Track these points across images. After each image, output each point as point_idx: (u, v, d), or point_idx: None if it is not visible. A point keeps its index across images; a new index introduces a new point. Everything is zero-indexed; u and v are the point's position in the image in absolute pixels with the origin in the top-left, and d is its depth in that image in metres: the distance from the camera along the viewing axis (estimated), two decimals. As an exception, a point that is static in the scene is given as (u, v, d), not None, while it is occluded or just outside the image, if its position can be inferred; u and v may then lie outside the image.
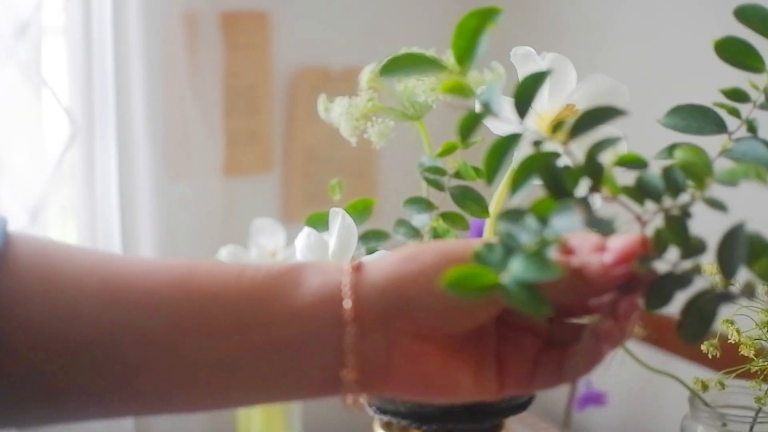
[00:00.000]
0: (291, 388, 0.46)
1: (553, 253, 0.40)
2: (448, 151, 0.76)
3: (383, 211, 0.89)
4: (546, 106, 0.65)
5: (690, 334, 0.43)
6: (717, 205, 0.44)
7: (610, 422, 1.35)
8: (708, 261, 0.45)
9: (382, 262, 0.46)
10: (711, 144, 0.51)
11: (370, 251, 0.74)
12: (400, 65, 0.50)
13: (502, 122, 0.62)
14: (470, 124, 0.46)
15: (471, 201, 0.75)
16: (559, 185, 0.43)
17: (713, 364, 0.70)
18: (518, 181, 0.44)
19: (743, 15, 0.53)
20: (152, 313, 0.43)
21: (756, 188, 0.43)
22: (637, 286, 0.44)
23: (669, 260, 0.43)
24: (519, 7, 1.54)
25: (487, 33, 0.46)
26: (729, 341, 0.67)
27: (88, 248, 0.49)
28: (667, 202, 0.44)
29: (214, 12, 1.32)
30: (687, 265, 0.43)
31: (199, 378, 0.44)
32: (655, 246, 0.43)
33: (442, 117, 0.92)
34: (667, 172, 0.44)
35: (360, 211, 0.78)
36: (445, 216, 0.77)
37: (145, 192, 1.28)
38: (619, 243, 0.43)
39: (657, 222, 0.44)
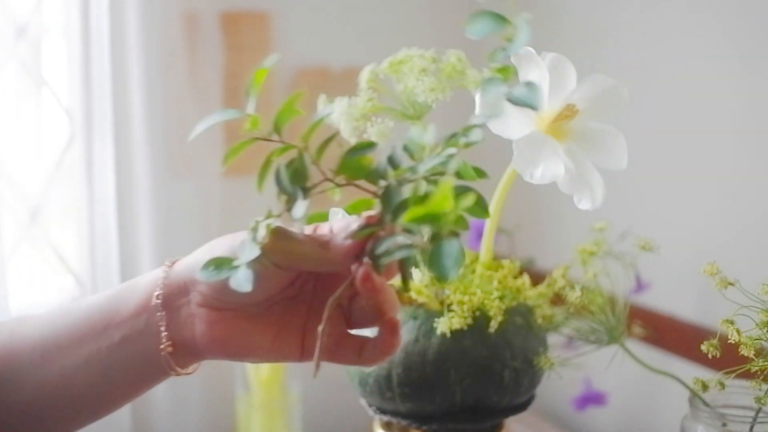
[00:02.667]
0: (139, 376, 0.58)
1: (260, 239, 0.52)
2: (448, 151, 0.76)
3: (383, 211, 0.89)
4: (546, 106, 0.65)
5: (376, 266, 0.50)
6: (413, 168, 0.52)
7: (610, 422, 1.36)
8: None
9: (189, 256, 0.57)
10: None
11: (370, 251, 0.74)
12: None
13: (502, 124, 0.62)
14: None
15: (471, 201, 0.75)
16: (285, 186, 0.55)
17: (713, 364, 0.70)
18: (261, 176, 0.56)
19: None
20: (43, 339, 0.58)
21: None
22: (366, 253, 0.51)
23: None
24: (519, 7, 1.54)
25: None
26: (729, 341, 0.67)
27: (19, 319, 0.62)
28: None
29: (214, 12, 1.32)
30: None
31: (78, 377, 0.57)
32: (379, 218, 0.51)
33: (442, 117, 0.92)
34: (391, 155, 0.53)
35: (360, 211, 0.78)
36: (445, 216, 0.77)
37: (145, 192, 1.28)
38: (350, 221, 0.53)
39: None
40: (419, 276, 0.77)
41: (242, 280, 0.50)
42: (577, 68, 0.65)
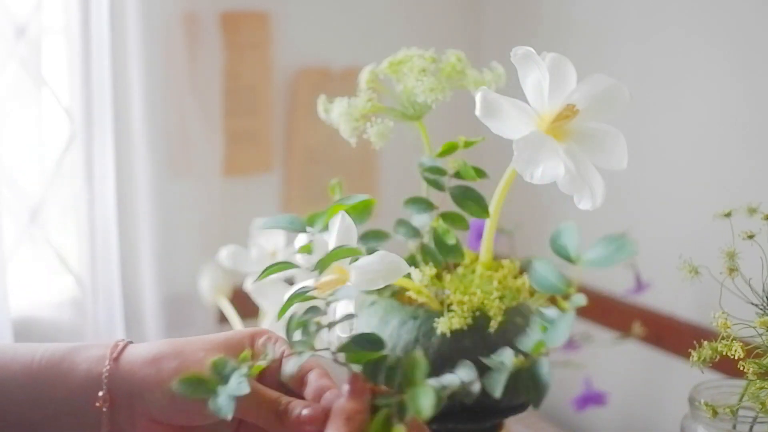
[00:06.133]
0: None
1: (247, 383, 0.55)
2: (448, 151, 0.76)
3: (383, 211, 0.89)
4: (546, 106, 0.65)
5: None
6: None
7: (610, 422, 1.36)
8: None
9: (135, 360, 0.60)
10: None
11: (370, 251, 0.74)
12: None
13: (502, 124, 0.62)
14: None
15: (471, 201, 0.75)
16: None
17: (713, 364, 0.70)
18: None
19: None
20: None
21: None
22: None
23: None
24: (519, 7, 1.54)
25: None
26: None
27: None
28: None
29: (214, 12, 1.32)
30: None
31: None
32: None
33: (442, 117, 0.92)
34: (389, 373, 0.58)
35: (360, 211, 0.78)
36: (445, 216, 0.77)
37: (145, 192, 1.28)
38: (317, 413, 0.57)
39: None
40: (418, 276, 0.77)
41: (224, 407, 0.55)
42: (577, 68, 0.65)
